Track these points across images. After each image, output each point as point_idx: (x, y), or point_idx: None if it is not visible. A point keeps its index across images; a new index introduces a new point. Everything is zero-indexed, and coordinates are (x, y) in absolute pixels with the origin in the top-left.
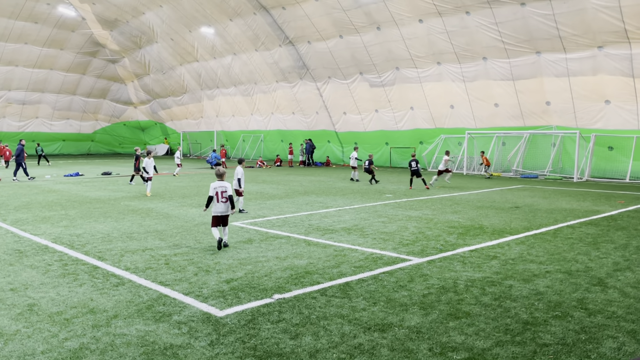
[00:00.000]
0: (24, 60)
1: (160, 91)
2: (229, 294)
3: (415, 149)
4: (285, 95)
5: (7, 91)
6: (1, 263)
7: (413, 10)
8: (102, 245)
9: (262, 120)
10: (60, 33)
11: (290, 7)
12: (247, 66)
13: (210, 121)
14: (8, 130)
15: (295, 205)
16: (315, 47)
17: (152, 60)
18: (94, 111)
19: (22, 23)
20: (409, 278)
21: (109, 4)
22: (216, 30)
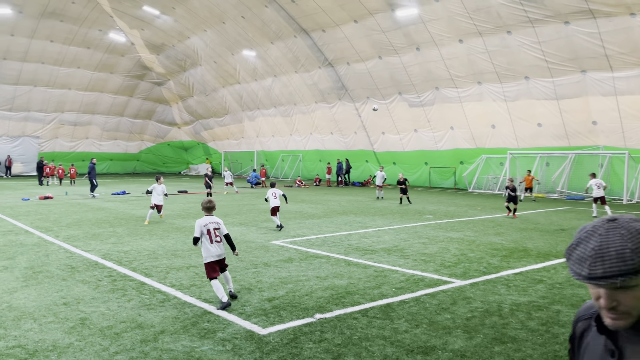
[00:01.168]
0: (76, 84)
1: (203, 112)
2: (271, 313)
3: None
4: (324, 116)
5: (60, 113)
6: (55, 278)
7: (453, 31)
8: (148, 262)
9: (301, 140)
10: (111, 58)
11: (330, 30)
12: (287, 87)
13: (250, 141)
14: (60, 150)
15: (334, 224)
16: (354, 68)
17: (195, 83)
18: (140, 132)
19: (76, 48)
20: (452, 300)
21: (156, 30)
22: (258, 53)
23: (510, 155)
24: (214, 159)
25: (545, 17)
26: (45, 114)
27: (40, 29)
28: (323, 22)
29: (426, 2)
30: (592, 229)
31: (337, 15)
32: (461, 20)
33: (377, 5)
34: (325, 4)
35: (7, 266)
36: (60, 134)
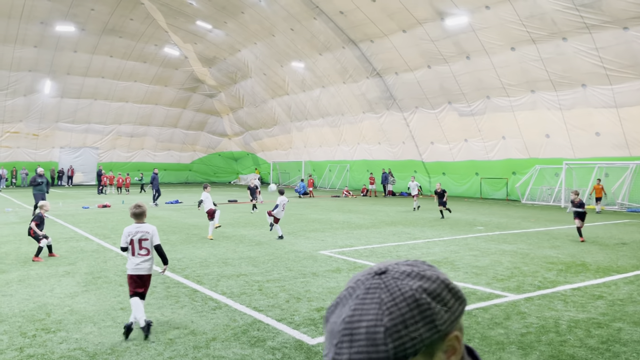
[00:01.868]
0: (133, 97)
1: (253, 123)
2: (320, 323)
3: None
4: (372, 126)
5: (117, 125)
6: (112, 284)
7: (505, 39)
8: (200, 270)
9: (349, 150)
10: (165, 71)
11: (378, 40)
12: (334, 98)
13: (298, 151)
14: (118, 161)
15: (382, 235)
16: (403, 78)
17: (246, 95)
18: (192, 142)
19: (133, 63)
20: (505, 315)
21: (209, 43)
22: (306, 65)
23: (566, 166)
24: (263, 169)
25: (603, 22)
26: (104, 126)
27: (101, 45)
28: (371, 33)
29: (477, 10)
30: (354, 284)
31: (386, 26)
32: (513, 28)
33: (426, 14)
34: (373, 15)
35: (69, 271)
36: (117, 145)
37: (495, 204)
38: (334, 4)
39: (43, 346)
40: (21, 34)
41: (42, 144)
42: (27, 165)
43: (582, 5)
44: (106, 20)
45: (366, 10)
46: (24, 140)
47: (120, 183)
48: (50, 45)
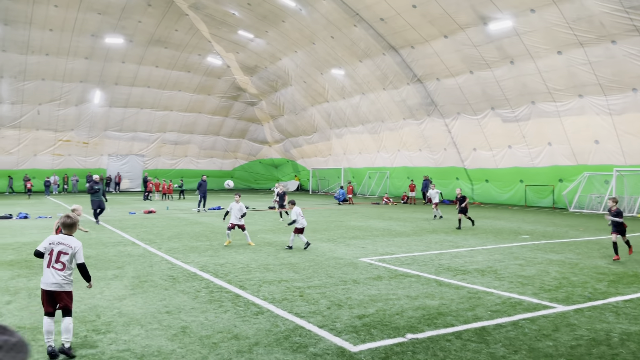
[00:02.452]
0: (177, 106)
1: (293, 130)
2: (362, 330)
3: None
4: (412, 132)
5: (162, 133)
6: (158, 287)
7: (551, 42)
8: (242, 275)
9: (388, 157)
10: (208, 80)
11: (419, 46)
12: (374, 105)
13: (337, 158)
14: (162, 168)
15: (423, 243)
16: (444, 84)
17: (286, 102)
18: (234, 150)
19: (178, 72)
20: (554, 327)
21: (250, 52)
22: (346, 72)
23: (616, 173)
24: (302, 175)
25: None
26: (149, 134)
27: (147, 55)
28: (412, 39)
29: (521, 14)
30: None
31: (427, 31)
32: (560, 31)
33: (468, 19)
34: (414, 21)
35: (117, 275)
36: (162, 152)
37: (541, 212)
38: (374, 10)
39: (94, 347)
40: (73, 46)
41: (91, 151)
42: (77, 172)
43: (631, 8)
44: (152, 31)
45: (407, 16)
46: (74, 148)
47: (165, 189)
48: (100, 56)
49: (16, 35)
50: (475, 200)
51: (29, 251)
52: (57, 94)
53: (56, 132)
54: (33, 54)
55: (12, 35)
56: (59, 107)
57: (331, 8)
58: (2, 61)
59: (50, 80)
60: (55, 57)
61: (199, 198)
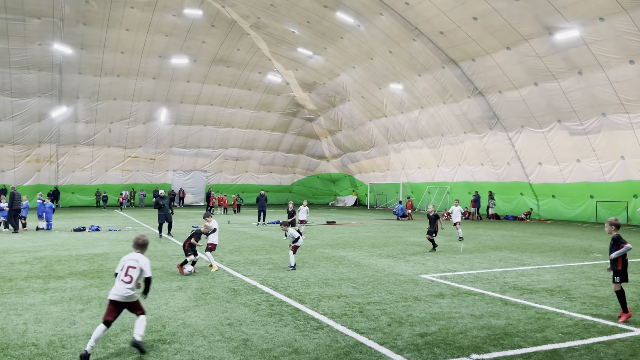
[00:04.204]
0: (238, 122)
1: (350, 146)
2: (424, 349)
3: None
4: (474, 146)
5: (224, 149)
6: (220, 300)
7: (622, 51)
8: (301, 289)
9: (449, 172)
10: (268, 97)
11: (480, 59)
12: (434, 119)
13: (396, 173)
14: (224, 183)
15: (487, 260)
16: (507, 97)
17: (344, 117)
18: (292, 165)
19: (239, 90)
20: (632, 352)
21: (309, 69)
22: (404, 86)
23: None
24: (360, 190)
25: None
26: (212, 150)
27: (210, 74)
28: (472, 51)
29: (589, 23)
30: None
31: (488, 43)
32: (632, 40)
33: (532, 30)
34: (474, 33)
35: (181, 287)
36: (224, 168)
37: None
38: (434, 24)
39: (159, 356)
40: (142, 67)
41: (157, 167)
42: (144, 187)
43: None
44: (215, 51)
45: (467, 29)
46: (142, 164)
47: (226, 204)
48: (167, 76)
49: (91, 58)
50: (541, 217)
51: (100, 262)
52: (127, 113)
53: (125, 148)
54: (106, 75)
55: (87, 58)
56: (128, 125)
57: (390, 23)
58: (79, 83)
59: (120, 99)
60: (126, 78)
61: (258, 212)
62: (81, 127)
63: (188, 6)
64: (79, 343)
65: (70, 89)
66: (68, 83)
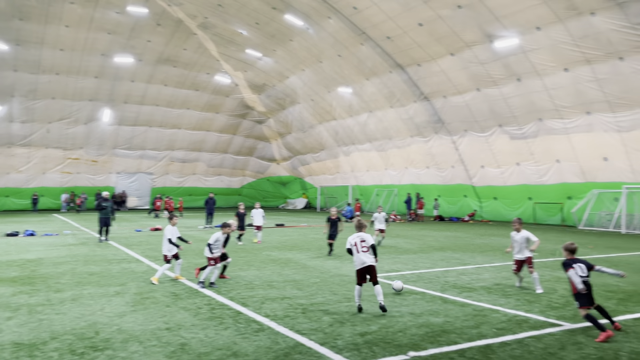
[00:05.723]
0: (186, 124)
1: (301, 148)
2: (363, 347)
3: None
4: (420, 150)
5: (171, 151)
6: (160, 304)
7: (557, 60)
8: (245, 292)
9: (396, 174)
10: (217, 98)
11: (425, 64)
12: (382, 122)
13: (345, 176)
14: (170, 185)
15: (430, 260)
16: (451, 102)
17: (294, 120)
18: (242, 167)
19: (186, 91)
20: (560, 345)
21: (258, 71)
22: (353, 90)
23: (626, 190)
24: (310, 193)
25: None
26: (158, 152)
27: (156, 74)
28: (419, 57)
29: (527, 32)
30: None
31: (433, 50)
32: (566, 49)
33: (474, 37)
34: (420, 39)
35: (119, 292)
36: (170, 170)
37: (550, 229)
38: (381, 29)
39: None
40: (83, 65)
41: (100, 169)
42: (86, 190)
43: (638, 24)
44: (161, 50)
45: (413, 34)
46: (83, 166)
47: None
48: (110, 75)
49: (28, 55)
50: (484, 218)
51: (32, 268)
52: (67, 113)
53: (65, 150)
54: (44, 73)
55: (23, 55)
56: (69, 125)
57: (338, 27)
58: (14, 81)
59: (60, 99)
60: (66, 76)
61: (206, 215)
62: (16, 127)
63: (132, 4)
64: (4, 352)
65: (4, 87)
66: (2, 80)
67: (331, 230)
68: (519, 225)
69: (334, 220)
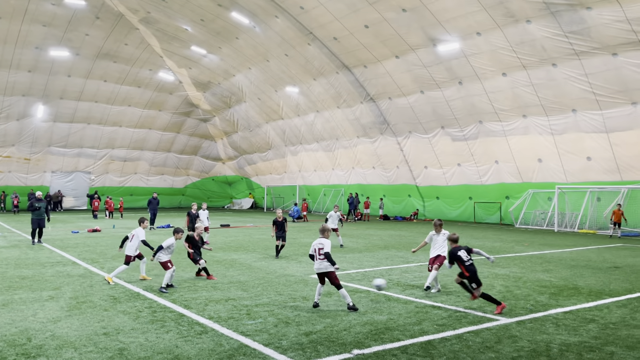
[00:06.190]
0: (127, 121)
1: (247, 147)
2: (308, 347)
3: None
4: (366, 150)
5: (110, 149)
6: (97, 308)
7: (496, 65)
8: (188, 294)
9: (343, 174)
10: (160, 96)
11: (371, 66)
12: (329, 123)
13: (293, 176)
14: (110, 185)
15: (375, 259)
16: (396, 103)
17: (240, 119)
18: (185, 167)
19: (127, 87)
20: (496, 339)
21: (203, 68)
22: (300, 90)
23: (558, 190)
24: (257, 193)
25: (592, 49)
26: (97, 150)
27: (95, 69)
28: (365, 58)
29: (468, 37)
30: None
31: (379, 51)
32: (504, 54)
33: (418, 40)
34: (366, 41)
35: (53, 296)
36: (110, 169)
37: (489, 228)
38: (328, 30)
39: None
40: (16, 58)
41: (33, 168)
42: (18, 189)
43: (571, 32)
44: (100, 45)
45: (359, 36)
46: (15, 164)
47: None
48: (44, 70)
49: None
50: (427, 217)
51: None
52: None
53: None
54: None
55: None
56: None
57: (285, 26)
58: None
59: None
60: None
61: (150, 215)
62: None
63: None
64: None
65: None
66: None
67: (278, 232)
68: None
69: (281, 222)
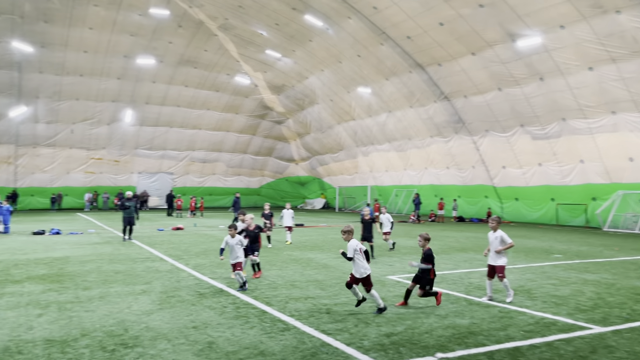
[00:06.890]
0: (205, 124)
1: (319, 148)
2: (390, 348)
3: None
4: (440, 150)
5: (191, 151)
6: (185, 303)
7: (581, 58)
8: (268, 292)
9: (416, 175)
10: (236, 99)
11: (446, 64)
12: (401, 122)
13: (364, 176)
14: (191, 185)
15: (452, 262)
16: (472, 101)
17: (312, 120)
18: (261, 168)
19: (206, 92)
20: (591, 348)
21: (277, 72)
22: (372, 90)
23: None
24: (329, 193)
25: None
26: (178, 152)
27: (177, 75)
28: (439, 56)
29: (550, 30)
30: None
31: (454, 49)
32: (591, 47)
33: (495, 36)
34: (441, 38)
35: (145, 290)
36: (190, 170)
37: (574, 231)
38: (401, 29)
39: None
40: (106, 67)
41: (122, 169)
42: (108, 189)
43: None
44: (182, 52)
45: (434, 34)
46: (106, 166)
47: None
48: (132, 76)
49: (52, 57)
50: (505, 219)
51: (60, 266)
52: (90, 114)
53: (88, 150)
54: (68, 75)
55: (48, 57)
56: (92, 126)
57: (358, 27)
58: (39, 82)
59: (83, 100)
60: (89, 77)
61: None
62: (41, 127)
63: (154, 6)
64: (36, 349)
65: (30, 89)
66: (28, 82)
67: (365, 233)
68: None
69: (368, 222)
